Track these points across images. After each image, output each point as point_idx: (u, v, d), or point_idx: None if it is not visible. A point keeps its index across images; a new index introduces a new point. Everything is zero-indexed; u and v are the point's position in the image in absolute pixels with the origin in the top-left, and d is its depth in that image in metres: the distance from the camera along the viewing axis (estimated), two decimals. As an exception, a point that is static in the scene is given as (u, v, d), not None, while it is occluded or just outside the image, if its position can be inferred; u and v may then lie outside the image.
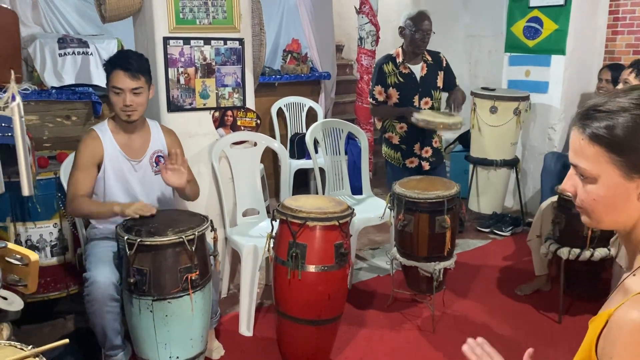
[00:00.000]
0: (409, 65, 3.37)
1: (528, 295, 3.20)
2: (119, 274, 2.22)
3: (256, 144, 3.21)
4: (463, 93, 3.43)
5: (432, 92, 3.38)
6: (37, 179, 2.63)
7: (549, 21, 4.31)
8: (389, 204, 2.94)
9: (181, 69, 2.87)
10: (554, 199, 3.04)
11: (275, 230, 2.47)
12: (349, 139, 4.36)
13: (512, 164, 4.27)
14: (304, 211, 2.35)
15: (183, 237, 2.10)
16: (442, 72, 3.45)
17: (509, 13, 4.62)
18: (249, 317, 2.80)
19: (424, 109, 3.36)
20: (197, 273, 2.14)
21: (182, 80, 2.89)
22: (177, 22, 2.81)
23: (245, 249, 2.78)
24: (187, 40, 2.86)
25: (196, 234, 2.14)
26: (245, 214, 3.16)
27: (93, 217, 2.42)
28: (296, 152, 4.64)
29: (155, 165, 2.50)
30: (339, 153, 3.72)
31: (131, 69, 2.32)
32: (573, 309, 3.02)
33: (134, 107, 2.35)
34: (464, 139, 4.94)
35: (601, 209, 0.97)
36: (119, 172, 2.43)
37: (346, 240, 2.41)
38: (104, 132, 2.43)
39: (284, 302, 2.44)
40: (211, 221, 2.29)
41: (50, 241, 2.77)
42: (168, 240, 2.09)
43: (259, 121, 3.18)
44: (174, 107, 2.89)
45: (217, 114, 3.03)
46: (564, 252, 2.82)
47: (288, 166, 3.35)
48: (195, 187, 2.58)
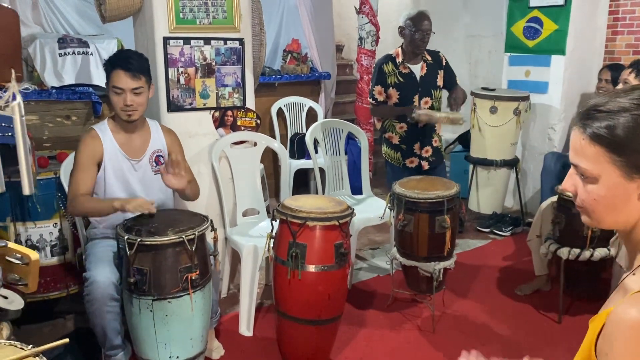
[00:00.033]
0: (408, 65, 3.37)
1: (528, 295, 3.20)
2: (118, 273, 2.22)
3: (256, 144, 3.21)
4: (464, 92, 3.43)
5: (432, 91, 3.38)
6: (37, 178, 2.63)
7: (549, 21, 4.31)
8: (388, 204, 2.94)
9: (181, 69, 2.87)
10: (553, 199, 3.04)
11: (275, 230, 2.47)
12: (349, 139, 4.36)
13: (512, 164, 4.28)
14: (304, 211, 2.35)
15: (183, 236, 2.10)
16: (442, 71, 3.45)
17: (509, 13, 4.62)
18: (249, 317, 2.81)
19: (424, 108, 3.36)
20: (197, 273, 2.14)
21: (182, 80, 2.89)
22: (177, 22, 2.81)
23: (245, 249, 2.78)
24: (187, 40, 2.86)
25: (196, 233, 2.14)
26: (245, 214, 3.16)
27: (94, 214, 2.40)
28: (296, 152, 4.64)
29: (155, 164, 2.50)
30: (339, 153, 3.72)
31: (132, 68, 2.31)
32: (573, 309, 3.02)
33: (134, 106, 2.35)
34: (464, 139, 4.94)
35: (602, 208, 0.98)
36: (119, 172, 2.43)
37: (346, 240, 2.41)
38: (104, 132, 2.43)
39: (284, 302, 2.44)
40: (211, 221, 2.29)
41: (50, 241, 2.77)
42: (168, 240, 2.09)
43: (259, 121, 3.18)
44: (174, 107, 2.89)
45: (217, 114, 3.03)
46: (563, 252, 2.83)
47: (288, 166, 3.35)
48: (196, 188, 2.58)
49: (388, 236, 3.71)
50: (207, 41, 2.92)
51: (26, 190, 1.83)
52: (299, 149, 4.64)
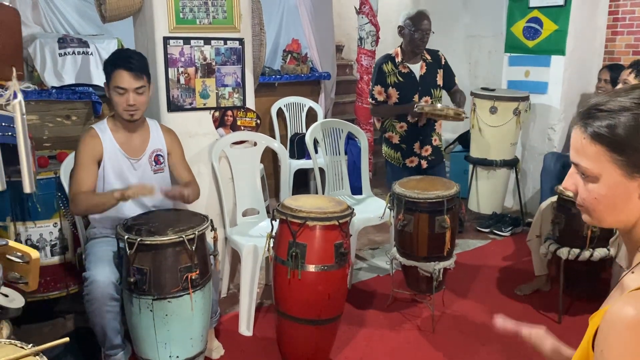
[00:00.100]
0: (408, 65, 3.37)
1: (528, 295, 3.20)
2: (118, 273, 2.22)
3: (256, 144, 3.21)
4: (463, 94, 3.43)
5: (432, 90, 3.38)
6: (37, 178, 2.63)
7: (549, 21, 4.31)
8: (388, 204, 2.94)
9: (181, 69, 2.88)
10: (553, 199, 3.05)
11: (275, 230, 2.48)
12: (349, 139, 4.36)
13: (511, 164, 4.28)
14: (303, 211, 2.35)
15: (183, 236, 2.10)
16: (442, 70, 3.45)
17: (508, 13, 4.62)
18: (248, 317, 2.81)
19: None
20: (197, 272, 2.15)
21: (182, 80, 2.89)
22: (177, 22, 2.81)
23: (245, 248, 2.78)
24: (187, 40, 2.86)
25: (196, 233, 2.14)
26: (245, 213, 3.16)
27: (97, 209, 2.36)
28: (296, 152, 4.64)
29: (154, 163, 2.51)
30: (339, 153, 3.72)
31: (134, 68, 2.32)
32: (573, 309, 3.02)
33: (137, 106, 2.36)
34: (463, 139, 4.94)
35: (602, 207, 0.98)
36: (118, 171, 2.43)
37: (346, 240, 2.41)
38: (104, 131, 2.43)
39: (284, 301, 2.44)
40: (211, 221, 2.29)
41: (50, 240, 2.77)
42: (168, 240, 2.09)
43: (259, 121, 3.18)
44: (174, 107, 2.89)
45: (217, 113, 3.03)
46: (563, 252, 2.83)
47: (288, 166, 3.35)
48: (196, 189, 2.58)
49: (388, 236, 3.71)
50: (207, 41, 2.92)
51: (27, 188, 1.82)
52: (298, 149, 4.64)
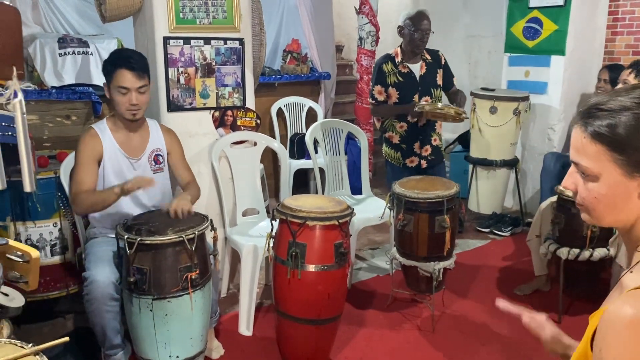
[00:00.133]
0: (408, 65, 3.37)
1: (527, 295, 3.20)
2: (118, 273, 2.22)
3: (256, 144, 3.21)
4: (463, 94, 3.43)
5: (432, 90, 3.38)
6: (37, 178, 2.63)
7: (549, 22, 4.31)
8: (388, 203, 2.94)
9: (181, 69, 2.88)
10: (553, 199, 3.05)
11: (275, 229, 2.48)
12: (349, 139, 4.36)
13: (511, 164, 4.28)
14: (303, 211, 2.35)
15: (183, 236, 2.10)
16: (442, 70, 3.45)
17: (508, 13, 4.62)
18: (248, 317, 2.81)
19: None
20: (197, 272, 2.15)
21: (182, 80, 2.89)
22: (177, 22, 2.81)
23: (245, 248, 2.78)
24: (187, 40, 2.86)
25: (196, 233, 2.14)
26: (245, 213, 3.16)
27: (98, 206, 2.34)
28: (296, 152, 4.64)
29: (153, 163, 2.51)
30: (339, 153, 3.72)
31: (136, 67, 2.33)
32: (573, 308, 3.02)
33: (139, 105, 2.37)
34: (463, 139, 4.94)
35: (602, 207, 0.98)
36: (118, 170, 2.43)
37: (346, 239, 2.41)
38: (103, 131, 2.43)
39: (284, 301, 2.44)
40: (211, 220, 2.29)
41: (50, 240, 2.77)
42: (168, 239, 2.09)
43: (258, 121, 3.18)
44: (174, 106, 2.89)
45: (217, 113, 3.03)
46: (563, 252, 2.83)
47: (288, 166, 3.35)
48: (196, 190, 2.58)
49: (388, 236, 3.71)
50: (207, 41, 2.92)
51: (27, 187, 1.82)
52: (298, 149, 4.64)
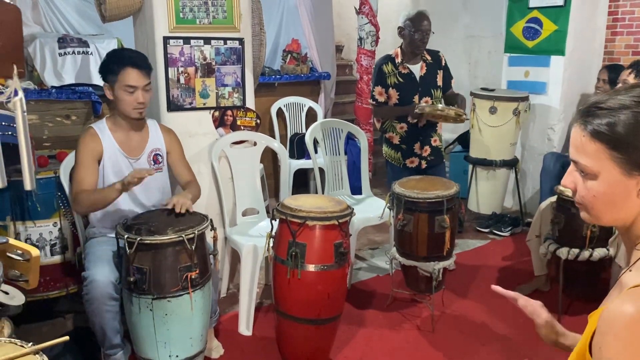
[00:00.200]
0: (408, 65, 3.37)
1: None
2: (118, 273, 2.22)
3: (256, 144, 3.22)
4: (462, 97, 3.43)
5: (432, 91, 3.38)
6: (37, 178, 2.63)
7: (549, 22, 4.32)
8: (388, 203, 2.94)
9: (181, 69, 2.88)
10: (553, 199, 3.05)
11: (274, 229, 2.48)
12: (349, 139, 4.36)
13: (511, 164, 4.28)
14: (303, 210, 2.35)
15: (183, 235, 2.10)
16: (442, 70, 3.45)
17: (508, 13, 4.62)
18: (248, 317, 2.81)
19: None
20: (196, 272, 2.15)
21: (182, 80, 2.89)
22: (177, 22, 2.81)
23: (245, 248, 2.78)
24: (187, 40, 2.86)
25: (196, 232, 2.14)
26: (244, 213, 3.16)
27: (100, 203, 2.34)
28: (296, 152, 4.65)
29: (153, 163, 2.51)
30: (339, 153, 3.72)
31: (142, 66, 2.34)
32: (572, 308, 3.02)
33: (146, 103, 2.39)
34: (463, 139, 4.94)
35: (601, 205, 0.98)
36: (118, 170, 2.43)
37: (346, 239, 2.41)
38: (103, 130, 2.43)
39: (284, 301, 2.44)
40: (211, 220, 2.29)
41: (50, 240, 2.77)
42: (168, 239, 2.09)
43: (258, 121, 3.18)
44: (174, 106, 2.89)
45: (217, 113, 3.03)
46: (563, 252, 2.83)
47: (288, 166, 3.35)
48: (196, 188, 2.58)
49: (387, 236, 3.71)
50: (207, 41, 2.92)
51: (27, 185, 1.82)
52: (298, 149, 4.64)
